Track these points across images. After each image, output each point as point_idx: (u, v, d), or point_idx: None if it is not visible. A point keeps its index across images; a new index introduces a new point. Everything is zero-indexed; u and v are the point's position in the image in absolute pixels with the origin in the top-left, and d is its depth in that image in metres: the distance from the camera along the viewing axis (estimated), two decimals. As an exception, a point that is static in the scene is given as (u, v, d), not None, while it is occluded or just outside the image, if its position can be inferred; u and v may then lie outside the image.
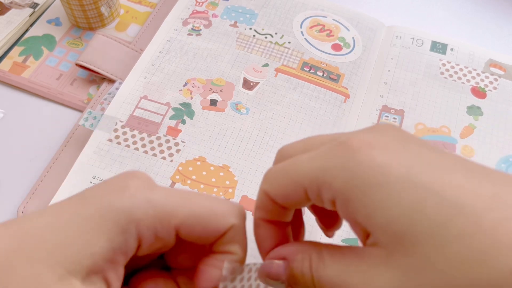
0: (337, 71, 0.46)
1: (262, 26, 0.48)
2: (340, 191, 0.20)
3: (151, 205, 0.21)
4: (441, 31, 0.51)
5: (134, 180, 0.22)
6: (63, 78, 0.45)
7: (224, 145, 0.40)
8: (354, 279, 0.19)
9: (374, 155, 0.19)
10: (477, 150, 0.42)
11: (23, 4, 0.48)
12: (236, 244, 0.23)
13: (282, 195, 0.22)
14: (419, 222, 0.18)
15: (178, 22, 0.48)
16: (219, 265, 0.23)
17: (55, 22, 0.49)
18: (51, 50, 0.46)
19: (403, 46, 0.48)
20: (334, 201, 0.20)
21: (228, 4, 0.50)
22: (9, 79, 0.44)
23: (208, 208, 0.23)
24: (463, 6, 0.55)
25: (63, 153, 0.40)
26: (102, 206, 0.21)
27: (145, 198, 0.21)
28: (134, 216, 0.21)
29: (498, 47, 0.51)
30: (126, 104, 0.42)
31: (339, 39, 0.48)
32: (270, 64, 0.45)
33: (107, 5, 0.47)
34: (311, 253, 0.21)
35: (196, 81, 0.44)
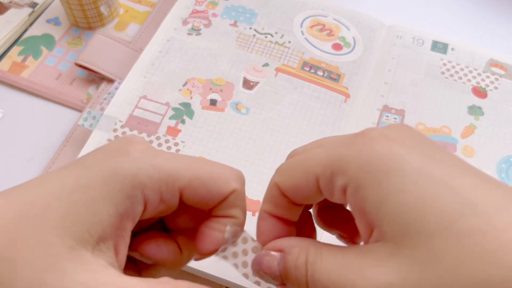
0: (338, 71, 0.45)
1: (262, 26, 0.48)
2: (354, 176, 0.20)
3: (156, 169, 0.21)
4: (441, 31, 0.51)
5: (135, 144, 0.22)
6: (62, 77, 0.45)
7: (224, 145, 0.40)
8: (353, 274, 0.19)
9: (391, 145, 0.19)
10: (477, 150, 0.41)
11: (22, 4, 0.48)
12: (237, 208, 0.23)
13: (293, 186, 0.22)
14: (431, 215, 0.18)
15: (178, 21, 0.48)
16: (222, 228, 0.23)
17: (55, 22, 0.48)
18: (51, 50, 0.46)
19: (404, 45, 0.48)
20: (345, 188, 0.20)
21: (228, 3, 0.50)
22: (8, 79, 0.44)
23: (211, 172, 0.23)
24: (463, 5, 0.55)
25: (62, 153, 0.40)
26: (106, 172, 0.20)
27: (149, 162, 0.21)
28: (139, 180, 0.21)
29: (499, 46, 0.51)
30: (126, 104, 0.41)
31: (340, 39, 0.48)
32: (270, 63, 0.45)
33: (107, 4, 0.47)
34: (309, 247, 0.21)
35: (196, 81, 0.44)
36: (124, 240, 0.21)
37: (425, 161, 0.19)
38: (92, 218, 0.20)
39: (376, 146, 0.20)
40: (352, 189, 0.20)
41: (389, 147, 0.19)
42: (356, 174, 0.20)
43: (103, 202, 0.20)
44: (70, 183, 0.20)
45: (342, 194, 0.21)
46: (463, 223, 0.17)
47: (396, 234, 0.18)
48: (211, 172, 0.23)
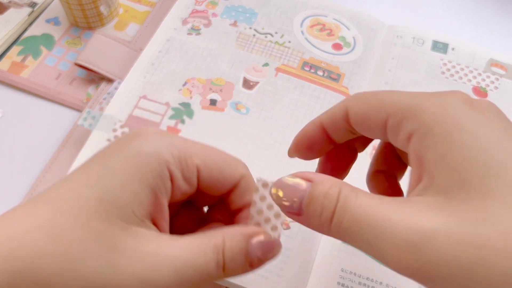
0: (338, 71, 0.45)
1: (262, 26, 0.48)
2: (425, 123, 0.20)
3: (174, 147, 0.23)
4: (442, 31, 0.51)
5: (148, 129, 0.23)
6: (62, 77, 0.44)
7: (224, 145, 0.40)
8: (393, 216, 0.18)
9: (472, 109, 0.20)
10: (478, 150, 0.41)
11: (22, 3, 0.48)
12: (251, 193, 0.24)
13: (362, 115, 0.23)
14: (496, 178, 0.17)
15: (177, 21, 0.48)
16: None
17: (54, 22, 0.48)
18: (50, 50, 0.46)
19: (404, 45, 0.48)
20: (412, 134, 0.20)
21: (228, 3, 0.50)
22: (8, 79, 0.44)
23: (222, 156, 0.25)
24: (464, 5, 0.55)
25: (62, 153, 0.40)
26: (129, 155, 0.22)
27: (167, 141, 0.23)
28: (163, 158, 0.22)
29: (499, 46, 0.51)
30: (125, 104, 0.41)
31: (340, 39, 0.48)
32: (270, 63, 0.45)
33: (106, 4, 0.47)
34: (343, 184, 0.20)
35: (195, 80, 0.43)
36: (163, 216, 0.23)
37: (501, 134, 0.19)
38: (133, 199, 0.21)
39: (457, 104, 0.20)
40: (420, 135, 0.20)
41: (469, 110, 0.19)
42: (428, 122, 0.19)
43: (138, 183, 0.21)
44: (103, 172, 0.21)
45: (406, 139, 0.21)
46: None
47: (452, 187, 0.18)
48: (222, 157, 0.25)
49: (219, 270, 0.22)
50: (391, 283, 0.34)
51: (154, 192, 0.22)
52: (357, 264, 0.35)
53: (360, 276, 0.34)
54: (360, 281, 0.34)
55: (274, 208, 0.24)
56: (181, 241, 0.22)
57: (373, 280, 0.34)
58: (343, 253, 0.35)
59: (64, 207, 0.20)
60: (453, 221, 0.18)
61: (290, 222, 0.36)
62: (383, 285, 0.34)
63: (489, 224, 0.17)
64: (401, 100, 0.21)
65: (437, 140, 0.19)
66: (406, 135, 0.21)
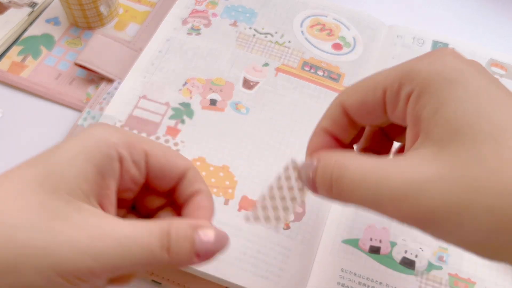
0: (338, 71, 0.45)
1: (262, 25, 0.48)
2: (420, 83, 0.21)
3: (123, 133, 0.24)
4: (442, 31, 0.51)
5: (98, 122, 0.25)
6: (62, 77, 0.44)
7: (224, 145, 0.40)
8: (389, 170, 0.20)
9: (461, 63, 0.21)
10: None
11: (22, 3, 0.48)
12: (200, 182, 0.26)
13: (359, 101, 0.24)
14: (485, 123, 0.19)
15: (177, 21, 0.48)
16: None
17: (54, 22, 0.48)
18: (50, 50, 0.46)
19: (404, 45, 0.48)
20: (409, 96, 0.21)
21: (228, 3, 0.50)
22: (8, 79, 0.44)
23: (167, 148, 0.26)
24: (464, 5, 0.55)
25: (61, 153, 0.39)
26: (80, 139, 0.23)
27: (115, 129, 0.24)
28: (111, 140, 0.23)
29: (500, 46, 0.51)
30: (125, 104, 0.41)
31: (340, 39, 0.48)
32: (270, 63, 0.45)
33: (106, 4, 0.47)
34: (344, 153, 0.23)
35: (195, 80, 0.43)
36: (110, 200, 0.24)
37: (490, 83, 0.20)
38: (79, 176, 0.22)
39: (446, 60, 0.21)
40: (416, 96, 0.21)
41: (459, 63, 0.21)
42: (422, 81, 0.21)
43: (86, 163, 0.22)
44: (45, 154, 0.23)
45: (405, 104, 0.22)
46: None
47: (444, 137, 0.19)
48: (168, 148, 0.26)
49: (163, 251, 0.22)
50: (391, 283, 0.34)
51: (101, 172, 0.23)
52: (357, 264, 0.35)
53: (360, 276, 0.34)
54: (360, 281, 0.34)
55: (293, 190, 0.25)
56: (127, 221, 0.22)
57: (373, 280, 0.34)
58: (343, 253, 0.35)
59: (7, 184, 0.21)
60: (445, 168, 0.19)
61: (290, 222, 0.36)
62: (383, 285, 0.34)
63: (478, 165, 0.18)
64: (394, 71, 0.22)
65: (431, 97, 0.20)
66: (404, 100, 0.22)
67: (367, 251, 0.35)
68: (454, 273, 0.35)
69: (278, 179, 0.26)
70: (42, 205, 0.21)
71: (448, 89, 0.20)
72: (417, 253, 0.35)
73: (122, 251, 0.21)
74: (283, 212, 0.25)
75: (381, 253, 0.35)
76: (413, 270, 0.35)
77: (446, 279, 0.34)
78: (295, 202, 0.25)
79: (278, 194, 0.25)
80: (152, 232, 0.22)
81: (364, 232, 0.36)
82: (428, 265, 0.35)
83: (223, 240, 0.24)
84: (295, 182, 0.25)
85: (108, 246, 0.21)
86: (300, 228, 0.36)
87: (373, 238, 0.36)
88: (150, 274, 0.34)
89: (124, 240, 0.21)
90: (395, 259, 0.35)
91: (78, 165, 0.22)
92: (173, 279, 0.34)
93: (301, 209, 0.37)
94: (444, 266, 0.35)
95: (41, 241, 0.20)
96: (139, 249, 0.21)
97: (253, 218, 0.26)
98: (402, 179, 0.19)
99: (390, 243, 0.36)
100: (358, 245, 0.36)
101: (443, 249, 0.36)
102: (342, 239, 0.36)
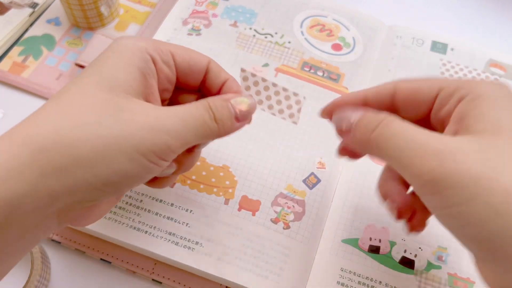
0: (337, 71, 0.45)
1: (262, 26, 0.48)
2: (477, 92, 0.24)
3: (147, 39, 0.27)
4: (441, 31, 0.51)
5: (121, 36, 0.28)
6: (62, 78, 0.45)
7: (224, 145, 0.40)
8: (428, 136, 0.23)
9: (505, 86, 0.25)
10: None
11: (23, 4, 0.48)
12: (223, 71, 0.30)
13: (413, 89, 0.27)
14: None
15: (178, 21, 0.48)
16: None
17: (55, 22, 0.48)
18: (51, 50, 0.46)
19: (404, 45, 0.48)
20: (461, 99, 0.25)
21: (228, 3, 0.50)
22: (9, 79, 0.44)
23: (187, 48, 0.29)
24: (463, 5, 0.55)
25: (62, 153, 0.40)
26: (114, 49, 0.26)
27: (139, 37, 0.27)
28: (141, 45, 0.26)
29: (499, 46, 0.51)
30: (126, 104, 0.41)
31: (339, 39, 0.48)
32: (270, 64, 0.45)
33: (107, 4, 0.47)
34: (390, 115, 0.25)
35: (196, 81, 0.44)
36: (155, 97, 0.27)
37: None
38: (128, 77, 0.25)
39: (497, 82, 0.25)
40: (469, 99, 0.24)
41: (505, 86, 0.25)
42: (479, 91, 0.24)
43: (129, 65, 0.25)
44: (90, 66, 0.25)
45: (454, 105, 0.25)
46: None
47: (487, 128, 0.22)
48: (187, 48, 0.29)
49: (212, 121, 0.26)
50: (390, 283, 0.34)
51: (143, 72, 0.26)
52: (356, 263, 0.35)
53: (359, 276, 0.34)
54: (359, 281, 0.34)
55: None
56: (175, 106, 0.26)
57: (373, 279, 0.34)
58: (343, 252, 0.35)
59: (69, 95, 0.24)
60: (475, 145, 0.22)
61: (290, 222, 0.36)
62: (383, 284, 0.34)
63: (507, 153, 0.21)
64: (453, 79, 0.26)
65: (483, 102, 0.24)
66: (456, 100, 0.25)
67: (367, 251, 0.35)
68: (454, 273, 0.35)
69: None
70: (108, 102, 0.23)
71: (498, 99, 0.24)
72: (417, 252, 0.35)
73: (187, 124, 0.25)
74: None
75: (381, 253, 0.35)
76: (412, 270, 0.35)
77: (445, 279, 0.35)
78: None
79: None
80: (198, 107, 0.26)
81: (363, 231, 0.36)
82: (427, 264, 0.35)
83: (252, 102, 0.29)
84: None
85: (175, 123, 0.25)
86: (300, 228, 0.36)
87: (372, 238, 0.36)
88: (151, 274, 0.35)
89: (184, 116, 0.25)
90: (394, 258, 0.35)
91: (125, 69, 0.25)
92: (173, 279, 0.35)
93: (301, 209, 0.37)
94: (443, 266, 0.35)
95: (119, 130, 0.23)
96: (197, 122, 0.26)
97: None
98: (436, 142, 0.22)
99: (390, 243, 0.36)
100: (358, 245, 0.36)
101: (442, 249, 0.36)
102: (342, 239, 0.36)
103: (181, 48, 0.29)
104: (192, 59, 0.29)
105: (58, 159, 0.22)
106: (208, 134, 0.26)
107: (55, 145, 0.22)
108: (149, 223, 0.35)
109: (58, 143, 0.22)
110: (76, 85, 0.24)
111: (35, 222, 0.22)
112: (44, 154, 0.21)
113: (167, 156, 0.25)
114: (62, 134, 0.22)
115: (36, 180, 0.21)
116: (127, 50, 0.26)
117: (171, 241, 0.34)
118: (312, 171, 0.39)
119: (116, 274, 0.35)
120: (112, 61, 0.25)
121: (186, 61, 0.29)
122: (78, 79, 0.25)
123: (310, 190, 0.38)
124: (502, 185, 0.20)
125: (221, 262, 0.34)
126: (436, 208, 0.23)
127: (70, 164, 0.22)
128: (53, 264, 0.35)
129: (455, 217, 0.21)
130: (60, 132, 0.22)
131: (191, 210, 0.36)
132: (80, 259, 0.35)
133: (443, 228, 0.23)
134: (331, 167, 0.39)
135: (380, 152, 0.25)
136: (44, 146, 0.22)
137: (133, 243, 0.34)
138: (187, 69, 0.29)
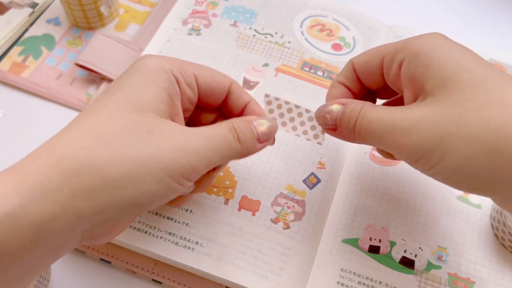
0: (337, 71, 0.45)
1: (262, 26, 0.48)
2: (412, 50, 0.26)
3: (172, 59, 0.28)
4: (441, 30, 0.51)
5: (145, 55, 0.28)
6: (62, 78, 0.45)
7: (224, 145, 0.40)
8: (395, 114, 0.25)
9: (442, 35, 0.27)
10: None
11: (23, 4, 0.48)
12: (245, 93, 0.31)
13: (363, 61, 0.30)
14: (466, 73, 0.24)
15: (178, 21, 0.48)
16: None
17: (55, 22, 0.48)
18: (51, 50, 0.46)
19: (404, 45, 0.48)
20: (402, 61, 0.27)
21: (228, 3, 0.50)
22: (9, 79, 0.44)
23: (210, 68, 0.30)
24: (463, 5, 0.55)
25: (62, 153, 0.40)
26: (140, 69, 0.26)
27: (163, 57, 0.28)
28: (166, 66, 0.27)
29: (499, 46, 0.51)
30: (126, 104, 0.41)
31: (340, 39, 0.48)
32: (270, 63, 0.45)
33: (107, 4, 0.47)
34: (365, 103, 0.28)
35: (196, 81, 0.44)
36: (179, 117, 0.28)
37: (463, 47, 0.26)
38: (155, 98, 0.25)
39: (432, 35, 0.27)
40: (409, 60, 0.26)
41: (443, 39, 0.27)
42: (414, 49, 0.26)
43: (155, 86, 0.26)
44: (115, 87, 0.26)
45: (398, 68, 0.27)
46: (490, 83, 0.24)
47: (435, 88, 0.25)
48: (210, 68, 0.30)
49: (236, 141, 0.27)
50: (390, 283, 0.34)
51: (168, 93, 0.26)
52: (356, 263, 0.35)
53: (359, 276, 0.34)
54: (359, 281, 0.34)
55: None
56: (199, 127, 0.26)
57: (373, 279, 0.34)
58: (343, 252, 0.35)
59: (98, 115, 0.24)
60: (434, 110, 0.24)
61: (290, 222, 0.36)
62: (383, 284, 0.34)
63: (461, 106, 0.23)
64: (393, 43, 0.28)
65: (421, 60, 0.25)
66: (398, 64, 0.27)
67: (367, 251, 0.35)
68: (454, 273, 0.35)
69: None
70: (136, 123, 0.24)
71: (433, 52, 0.25)
72: (417, 252, 0.35)
73: (212, 146, 0.26)
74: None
75: (381, 253, 0.35)
76: (412, 270, 0.35)
77: (446, 279, 0.35)
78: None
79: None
80: (223, 128, 0.27)
81: (363, 231, 0.36)
82: (427, 264, 0.35)
83: (273, 124, 0.29)
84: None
85: (201, 144, 0.25)
86: (300, 228, 0.36)
87: (372, 238, 0.36)
88: (151, 274, 0.35)
89: (210, 137, 0.26)
90: (394, 258, 0.35)
91: (152, 90, 0.26)
92: (173, 279, 0.35)
93: (301, 209, 0.37)
94: (443, 266, 0.35)
95: (147, 151, 0.23)
96: (222, 142, 0.26)
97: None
98: (402, 119, 0.25)
99: (390, 243, 0.36)
100: (358, 245, 0.36)
101: (442, 249, 0.36)
102: (342, 239, 0.36)
103: (204, 70, 0.29)
104: (215, 81, 0.29)
105: (87, 180, 0.22)
106: (231, 155, 0.27)
107: (85, 166, 0.22)
108: (149, 223, 0.35)
109: (89, 165, 0.22)
110: (103, 104, 0.25)
111: (61, 242, 0.22)
112: (75, 175, 0.22)
113: (192, 177, 0.25)
114: (93, 156, 0.22)
115: (66, 201, 0.21)
116: (153, 70, 0.26)
117: (171, 241, 0.34)
118: (312, 171, 0.39)
119: (116, 274, 0.35)
120: (139, 81, 0.26)
121: (208, 83, 0.29)
122: (105, 98, 0.25)
123: (310, 190, 0.38)
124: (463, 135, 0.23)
125: (221, 262, 0.34)
126: (424, 171, 0.26)
127: (99, 186, 0.22)
128: (53, 264, 0.35)
129: (440, 173, 0.25)
130: (90, 154, 0.22)
131: (191, 210, 0.36)
132: (80, 259, 0.35)
133: (443, 228, 0.23)
134: (331, 167, 0.39)
135: (366, 142, 0.27)
136: (74, 168, 0.22)
137: (133, 243, 0.34)
138: (209, 91, 0.29)
